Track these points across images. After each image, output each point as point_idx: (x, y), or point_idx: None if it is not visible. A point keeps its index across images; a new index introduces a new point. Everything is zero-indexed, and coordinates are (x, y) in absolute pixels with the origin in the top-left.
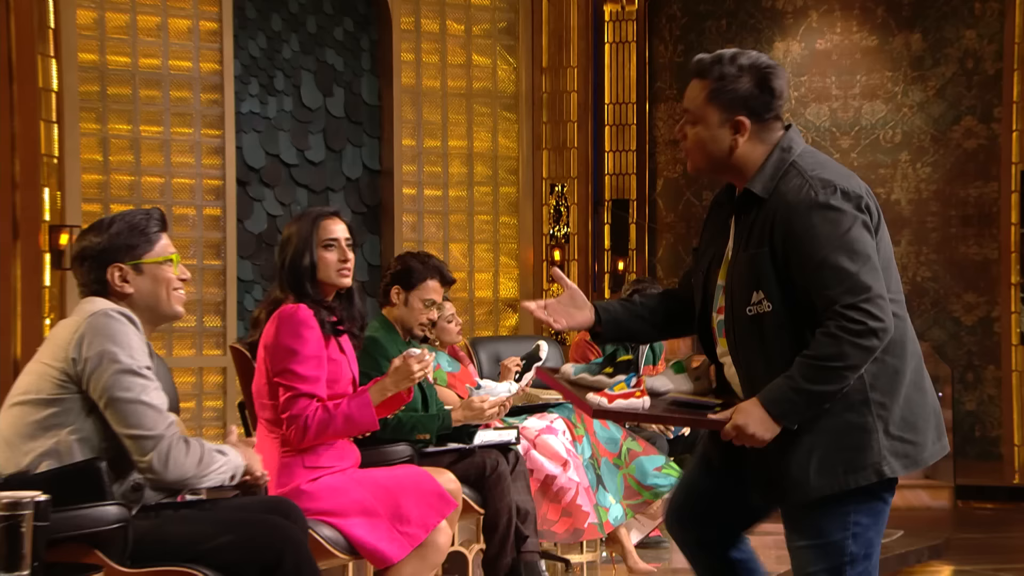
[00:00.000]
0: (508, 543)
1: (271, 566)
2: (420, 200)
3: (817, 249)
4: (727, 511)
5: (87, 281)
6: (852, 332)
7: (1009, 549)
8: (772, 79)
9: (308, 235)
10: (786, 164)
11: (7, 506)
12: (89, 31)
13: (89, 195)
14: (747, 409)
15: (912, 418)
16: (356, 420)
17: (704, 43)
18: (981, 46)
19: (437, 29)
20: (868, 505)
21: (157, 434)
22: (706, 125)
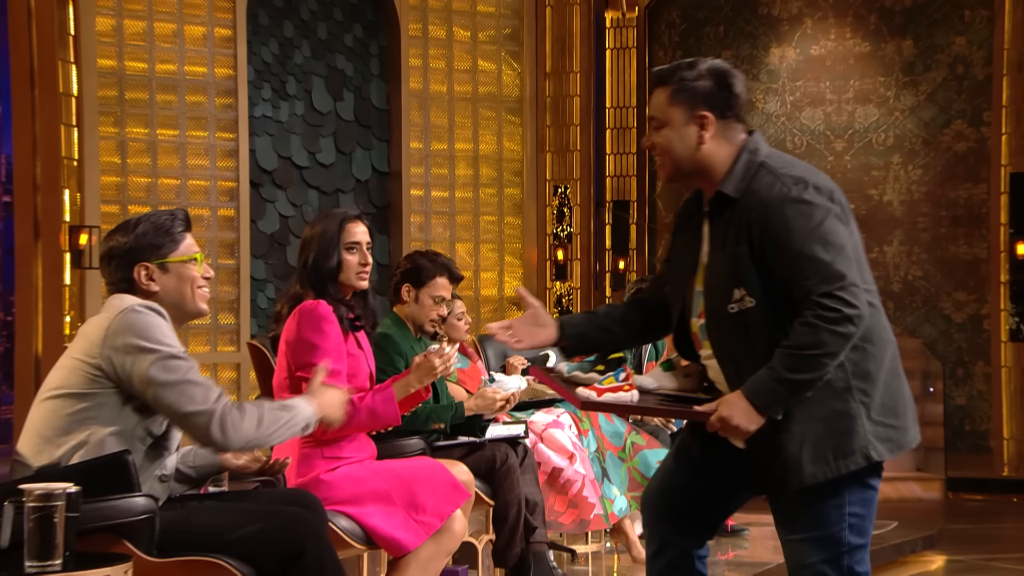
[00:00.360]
0: (517, 534)
1: (293, 556)
2: (427, 201)
3: (793, 241)
4: (700, 504)
5: (114, 280)
6: (828, 320)
7: (1000, 539)
8: (730, 79)
9: (334, 236)
10: (755, 165)
11: (40, 497)
12: (108, 38)
13: (108, 196)
14: (732, 401)
15: (892, 404)
16: (379, 414)
17: (702, 49)
18: (971, 52)
19: (444, 35)
20: (860, 495)
21: (208, 408)
22: (672, 126)
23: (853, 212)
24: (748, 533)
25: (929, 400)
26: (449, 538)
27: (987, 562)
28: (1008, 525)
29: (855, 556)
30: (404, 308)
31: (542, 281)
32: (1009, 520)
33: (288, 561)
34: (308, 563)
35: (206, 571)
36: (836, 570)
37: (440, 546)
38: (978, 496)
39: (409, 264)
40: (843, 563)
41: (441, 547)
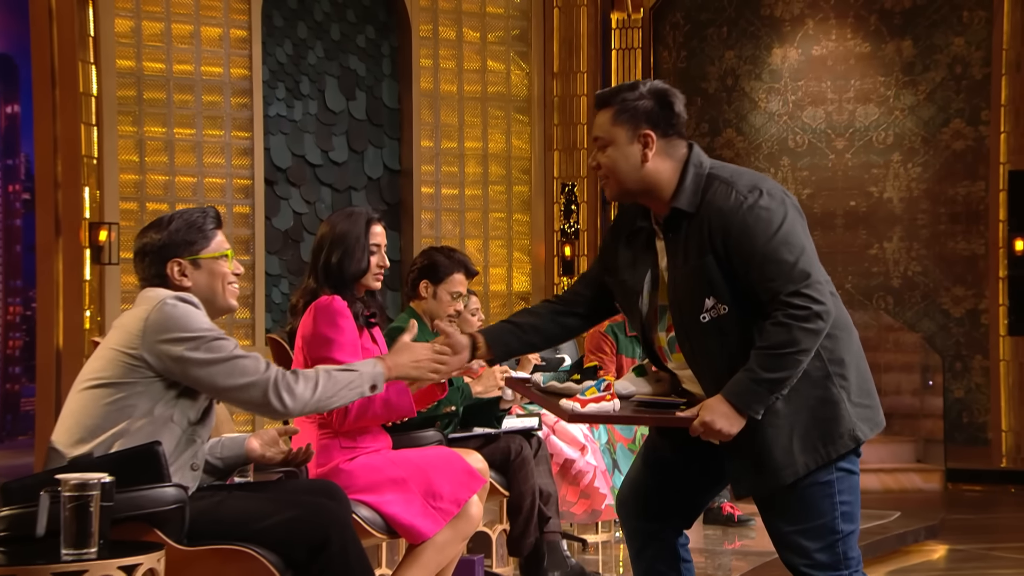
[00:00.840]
0: (531, 524)
1: (319, 546)
2: (438, 198)
3: (756, 247)
4: (675, 499)
5: (148, 275)
6: (798, 318)
7: (1000, 529)
8: (670, 97)
9: (361, 237)
10: (703, 177)
11: (76, 487)
12: (126, 39)
13: (126, 194)
14: (712, 406)
15: (866, 385)
16: (394, 405)
17: (706, 49)
18: (969, 52)
19: (454, 36)
20: (848, 482)
21: (261, 377)
22: (616, 145)
23: (854, 209)
24: (754, 523)
25: (929, 393)
26: (466, 523)
27: (988, 551)
28: (1007, 515)
29: (848, 542)
30: (421, 303)
31: (549, 277)
32: (1008, 510)
33: (315, 550)
34: (334, 552)
35: (234, 559)
36: (832, 557)
37: (457, 531)
38: (977, 487)
39: (426, 260)
40: (838, 550)
41: (458, 532)
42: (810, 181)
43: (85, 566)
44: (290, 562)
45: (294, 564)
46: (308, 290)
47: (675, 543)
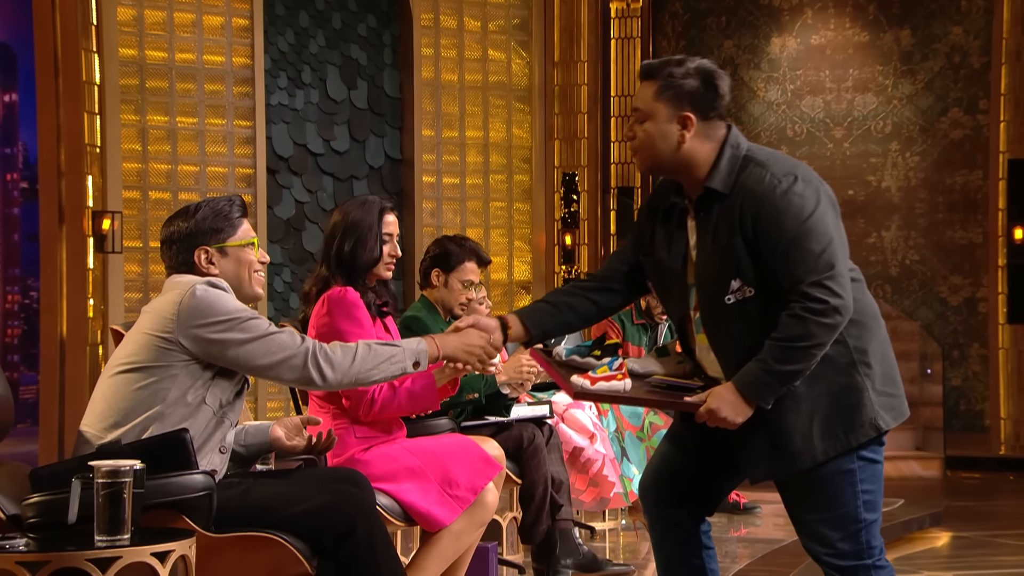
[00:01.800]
0: (544, 512)
1: (346, 533)
2: (439, 187)
3: (784, 233)
4: (697, 487)
5: (175, 263)
6: (815, 311)
7: (1001, 515)
8: (716, 80)
9: (374, 226)
10: (739, 159)
11: (108, 474)
12: (129, 27)
13: (129, 183)
14: (720, 393)
15: (891, 373)
16: (418, 397)
17: (705, 39)
18: (967, 41)
19: (455, 25)
20: (870, 471)
21: (296, 350)
22: (655, 121)
23: (852, 198)
24: (760, 511)
25: (927, 381)
26: (482, 511)
27: (991, 538)
28: (1008, 502)
29: (871, 530)
30: (434, 292)
31: (550, 266)
32: (1008, 497)
33: (341, 537)
34: (360, 539)
35: (261, 546)
36: (855, 546)
37: (473, 519)
38: (976, 474)
39: (438, 249)
40: (861, 539)
41: (474, 520)
42: None
43: (118, 552)
44: (317, 549)
45: (321, 551)
46: (320, 278)
47: (697, 530)
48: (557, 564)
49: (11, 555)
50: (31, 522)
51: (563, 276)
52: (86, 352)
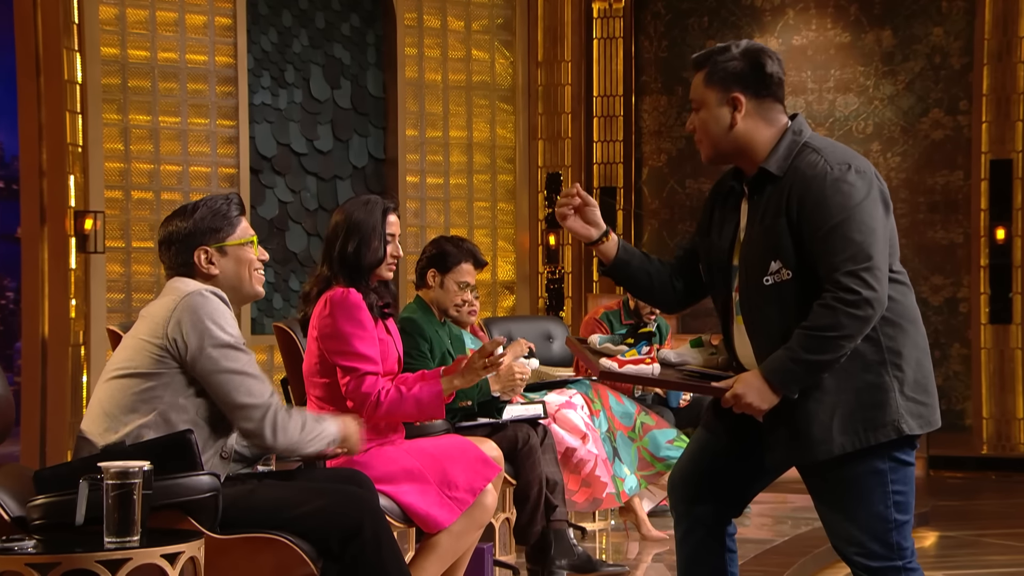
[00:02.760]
0: (539, 512)
1: (352, 533)
2: (423, 187)
3: (828, 219)
4: (727, 485)
5: (175, 264)
6: (846, 302)
7: (987, 515)
8: (763, 59)
9: (378, 226)
10: (799, 145)
11: (118, 475)
12: (111, 26)
13: (111, 182)
14: (747, 380)
15: (924, 381)
16: (425, 406)
17: (687, 39)
18: (948, 42)
19: (439, 25)
20: (902, 472)
21: (264, 402)
22: (707, 107)
23: None
24: (750, 511)
25: None
26: (481, 512)
27: (979, 538)
28: (993, 502)
29: (902, 532)
30: (429, 293)
31: (534, 266)
32: (992, 497)
33: (348, 538)
34: (366, 540)
35: (267, 548)
36: (885, 547)
37: (472, 520)
38: (958, 474)
39: (435, 249)
40: (892, 540)
41: (473, 521)
42: None
43: (128, 554)
44: (322, 550)
45: (326, 552)
46: (322, 278)
47: (722, 531)
48: (552, 565)
49: (20, 556)
50: (36, 524)
51: (547, 276)
52: (68, 353)
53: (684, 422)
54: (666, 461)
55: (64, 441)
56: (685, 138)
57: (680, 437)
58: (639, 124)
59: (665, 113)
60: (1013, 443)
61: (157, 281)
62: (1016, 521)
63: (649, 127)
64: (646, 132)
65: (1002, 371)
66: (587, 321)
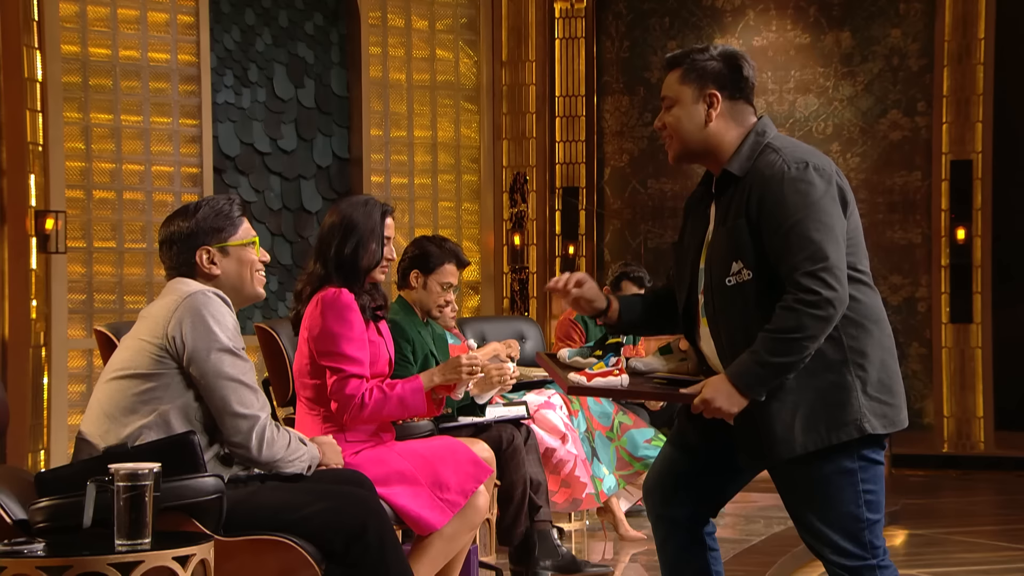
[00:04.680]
0: (523, 513)
1: (356, 535)
2: (387, 187)
3: (786, 218)
4: (702, 488)
5: (176, 264)
6: (808, 303)
7: (953, 513)
8: (739, 61)
9: (376, 228)
10: (761, 145)
11: (128, 476)
12: (71, 23)
13: (72, 182)
14: (715, 384)
15: (888, 382)
16: (408, 403)
17: (648, 39)
18: (906, 44)
19: (403, 24)
20: (872, 472)
21: (254, 414)
22: (682, 104)
23: None
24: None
25: None
26: (473, 513)
27: (947, 536)
28: (955, 499)
29: (874, 530)
30: (411, 294)
31: (499, 266)
32: (955, 495)
33: (352, 539)
34: (371, 541)
35: (272, 550)
36: (858, 546)
37: (465, 522)
38: (920, 472)
39: (417, 250)
40: (864, 538)
41: (466, 523)
42: None
43: (140, 557)
44: (327, 552)
45: (330, 553)
46: (316, 276)
47: (701, 531)
48: (536, 566)
49: (31, 560)
50: (40, 527)
51: (511, 277)
52: (29, 355)
53: (659, 422)
54: (644, 460)
55: (25, 443)
56: (647, 138)
57: (658, 436)
58: (601, 124)
59: (627, 113)
60: (973, 441)
61: (119, 282)
62: (981, 519)
63: (611, 127)
64: (608, 132)
65: (962, 370)
66: (561, 322)
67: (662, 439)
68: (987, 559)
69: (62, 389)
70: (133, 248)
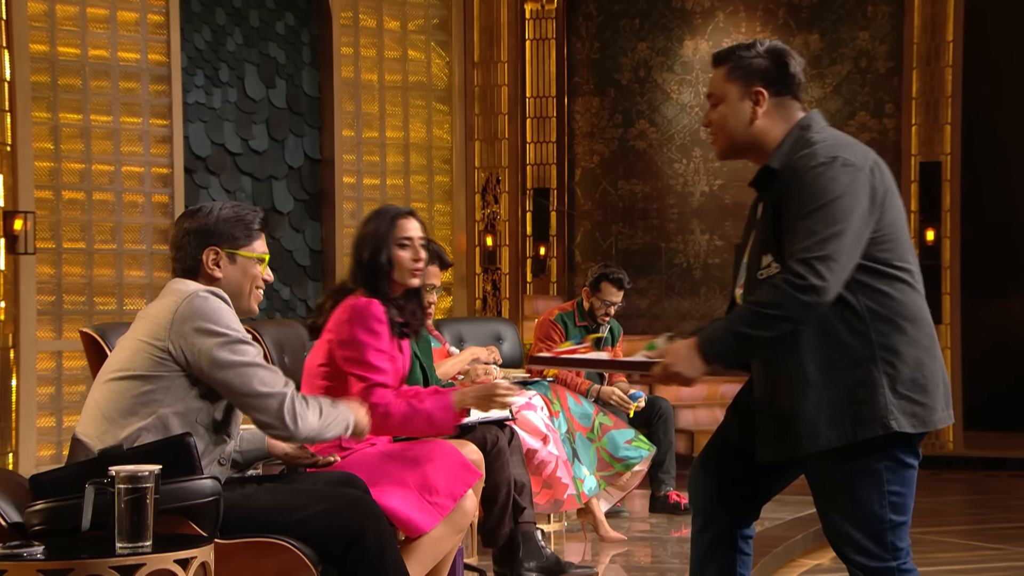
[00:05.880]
0: (506, 515)
1: (354, 538)
2: (359, 188)
3: (800, 208)
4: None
5: (182, 257)
6: (793, 285)
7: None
8: (786, 58)
9: (385, 234)
10: (803, 140)
11: (129, 479)
12: (40, 22)
13: (41, 182)
14: (675, 349)
15: (923, 381)
16: (436, 421)
17: (619, 40)
18: (873, 46)
19: (374, 24)
20: (900, 474)
21: (279, 391)
22: (728, 101)
23: None
24: None
25: None
26: (461, 516)
27: (923, 535)
28: (928, 499)
29: (898, 533)
30: None
31: (471, 267)
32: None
33: (350, 542)
34: (369, 544)
35: (269, 552)
36: (880, 547)
37: (452, 525)
38: None
39: None
40: (887, 540)
41: (453, 525)
42: (721, 172)
43: (142, 559)
44: (325, 555)
45: (328, 556)
46: (340, 289)
47: (736, 531)
48: (520, 567)
49: (31, 563)
50: (36, 529)
51: (483, 278)
52: None
53: (637, 424)
54: (625, 461)
55: None
56: (617, 139)
57: (638, 437)
58: (571, 125)
59: (597, 114)
60: (943, 441)
61: (89, 283)
62: (951, 519)
63: (581, 128)
64: (579, 133)
65: None
66: (541, 322)
67: (642, 440)
68: (963, 558)
69: (31, 391)
70: (103, 249)
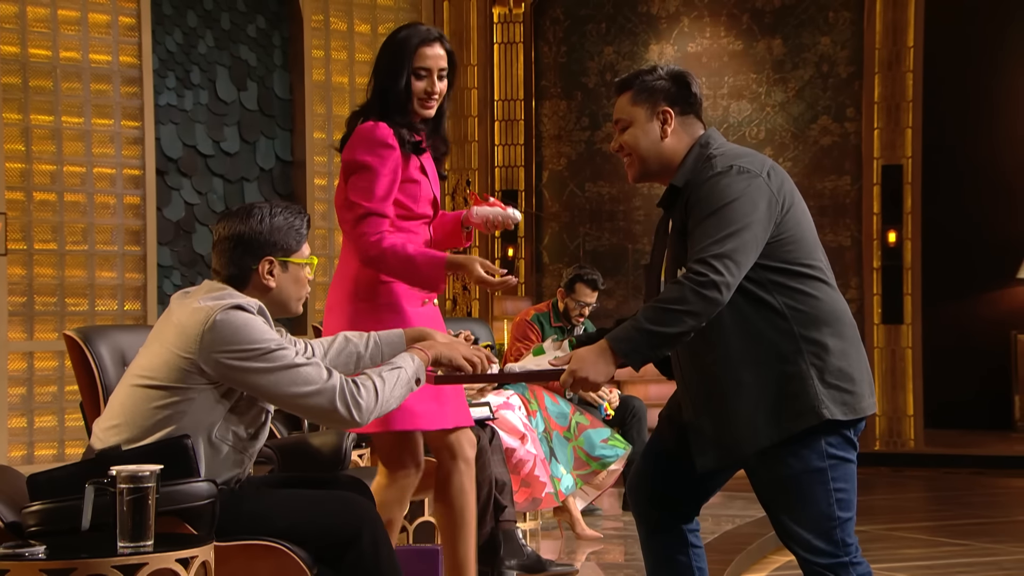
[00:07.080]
0: (488, 513)
1: (350, 541)
2: (330, 190)
3: (700, 214)
4: (682, 485)
5: (229, 262)
6: (695, 282)
7: (888, 510)
8: (687, 78)
9: (403, 59)
10: (703, 156)
11: (131, 479)
12: (10, 24)
13: (12, 183)
14: (581, 355)
15: (849, 370)
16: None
17: (585, 44)
18: (835, 51)
19: (345, 28)
20: (842, 470)
21: (325, 385)
22: (637, 124)
23: None
24: None
25: None
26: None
27: (889, 532)
28: (890, 496)
29: (846, 528)
30: None
31: None
32: (887, 492)
33: (346, 545)
34: (365, 548)
35: (264, 555)
36: (831, 544)
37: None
38: None
39: None
40: (837, 537)
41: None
42: None
43: (144, 559)
44: (320, 558)
45: (324, 559)
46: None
47: (683, 529)
48: (501, 565)
49: (33, 563)
50: (34, 530)
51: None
52: None
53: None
54: (601, 460)
55: None
56: (584, 142)
57: (614, 436)
58: (539, 128)
59: (565, 117)
60: (904, 439)
61: (60, 284)
62: (915, 515)
63: (549, 131)
64: (546, 136)
65: (894, 369)
66: (518, 323)
67: (619, 439)
68: (929, 554)
69: (2, 392)
70: (74, 250)
